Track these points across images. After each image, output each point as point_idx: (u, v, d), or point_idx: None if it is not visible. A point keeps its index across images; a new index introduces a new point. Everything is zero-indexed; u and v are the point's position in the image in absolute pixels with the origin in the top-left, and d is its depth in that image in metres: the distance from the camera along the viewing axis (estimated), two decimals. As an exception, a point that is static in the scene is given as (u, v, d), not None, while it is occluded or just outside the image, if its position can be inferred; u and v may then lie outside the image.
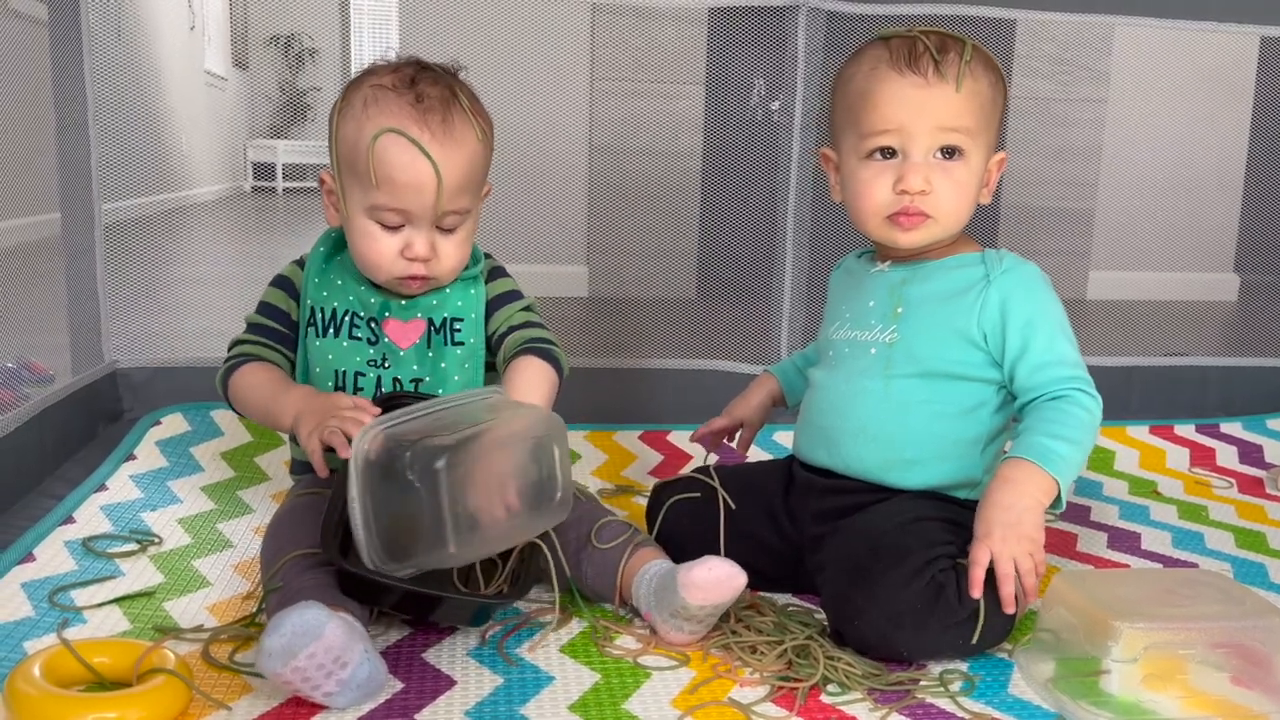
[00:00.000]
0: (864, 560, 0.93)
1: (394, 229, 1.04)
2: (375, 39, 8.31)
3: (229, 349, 1.13)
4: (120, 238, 1.64)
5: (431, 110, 1.02)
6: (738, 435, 1.24)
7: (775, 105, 2.99)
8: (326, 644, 0.78)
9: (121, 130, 1.83)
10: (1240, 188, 3.64)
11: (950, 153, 1.00)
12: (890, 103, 1.00)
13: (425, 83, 1.04)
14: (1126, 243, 3.59)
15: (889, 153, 1.01)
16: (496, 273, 1.15)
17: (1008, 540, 0.90)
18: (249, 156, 7.84)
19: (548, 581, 0.98)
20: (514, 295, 1.14)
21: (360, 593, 0.89)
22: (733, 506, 1.07)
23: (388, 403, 1.03)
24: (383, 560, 0.89)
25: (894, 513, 0.98)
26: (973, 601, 0.91)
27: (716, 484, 1.09)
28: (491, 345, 1.13)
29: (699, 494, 1.09)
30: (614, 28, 3.07)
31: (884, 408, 1.02)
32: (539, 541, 0.98)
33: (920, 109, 0.99)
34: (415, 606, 0.91)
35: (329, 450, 0.96)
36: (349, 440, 0.93)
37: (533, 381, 1.04)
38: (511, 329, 1.11)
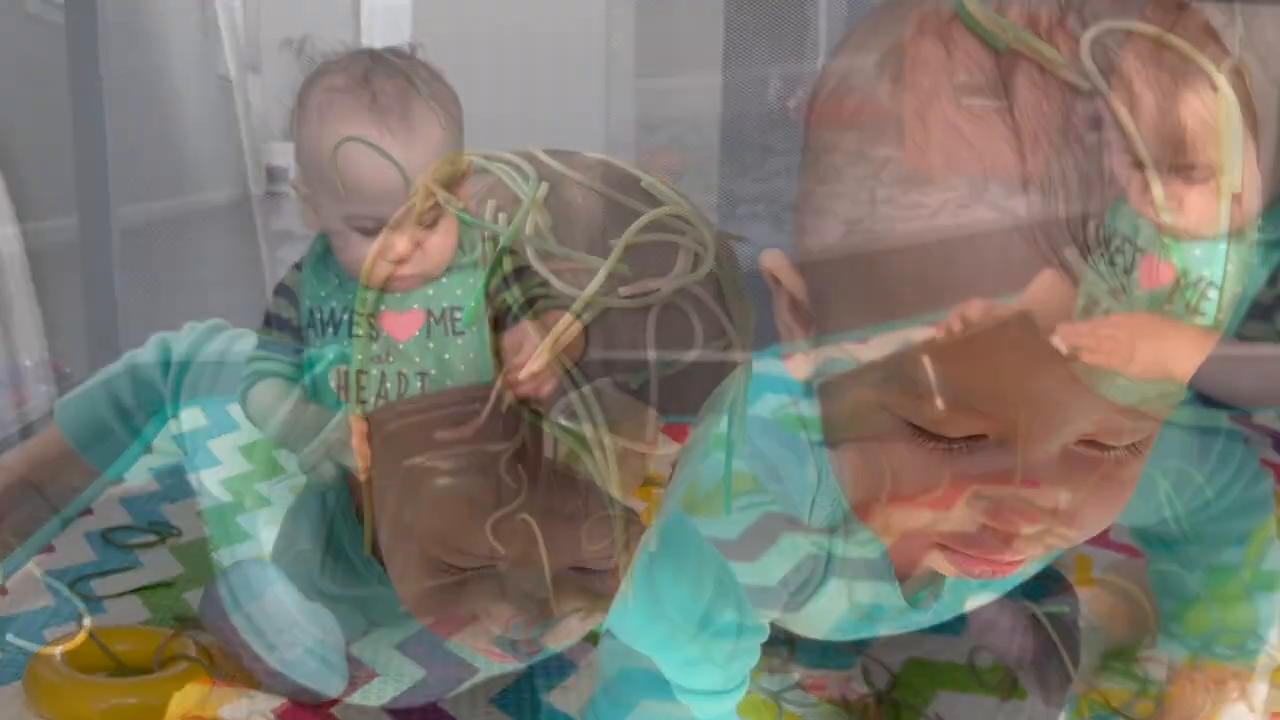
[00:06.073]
0: None
1: (371, 233, 1.01)
2: (388, 43, 8.35)
3: (246, 364, 1.14)
4: (135, 240, 1.65)
5: (389, 109, 0.99)
6: None
7: (792, 104, 2.98)
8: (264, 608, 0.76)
9: (136, 134, 1.84)
10: None
11: None
12: None
13: (379, 78, 1.01)
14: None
15: None
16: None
17: None
18: (262, 160, 7.90)
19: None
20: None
21: None
22: None
23: None
24: None
25: None
26: None
27: None
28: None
29: None
30: (629, 22, 3.07)
31: None
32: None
33: None
34: None
35: None
36: None
37: None
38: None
